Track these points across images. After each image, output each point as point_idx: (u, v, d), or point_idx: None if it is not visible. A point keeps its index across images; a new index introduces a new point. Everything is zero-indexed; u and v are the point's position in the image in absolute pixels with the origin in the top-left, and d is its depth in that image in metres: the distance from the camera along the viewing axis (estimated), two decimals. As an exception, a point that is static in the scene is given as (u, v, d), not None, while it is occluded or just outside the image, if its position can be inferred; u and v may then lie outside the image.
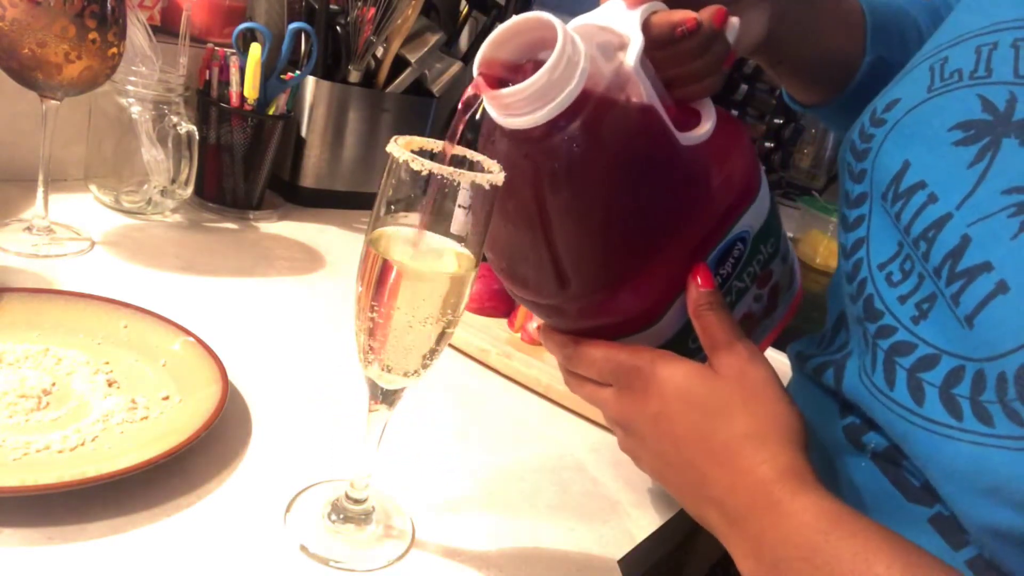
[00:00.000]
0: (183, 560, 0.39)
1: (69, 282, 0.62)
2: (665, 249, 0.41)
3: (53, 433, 0.44)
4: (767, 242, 0.47)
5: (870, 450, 0.43)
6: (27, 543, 0.38)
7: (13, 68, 0.60)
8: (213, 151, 0.85)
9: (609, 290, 0.41)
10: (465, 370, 0.69)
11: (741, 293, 0.48)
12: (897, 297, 0.41)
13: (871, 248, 0.44)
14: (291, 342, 0.64)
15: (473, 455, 0.56)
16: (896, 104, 0.47)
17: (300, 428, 0.53)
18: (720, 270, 0.44)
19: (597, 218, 0.39)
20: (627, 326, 0.43)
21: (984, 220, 0.38)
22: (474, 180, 0.37)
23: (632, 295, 0.42)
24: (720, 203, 0.43)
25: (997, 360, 0.35)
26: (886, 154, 0.45)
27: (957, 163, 0.40)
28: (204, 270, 0.72)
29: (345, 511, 0.45)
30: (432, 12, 1.03)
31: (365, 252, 0.39)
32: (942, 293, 0.39)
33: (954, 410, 0.37)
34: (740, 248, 0.45)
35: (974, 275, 0.37)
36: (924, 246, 0.40)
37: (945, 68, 0.45)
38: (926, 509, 0.40)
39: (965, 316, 0.37)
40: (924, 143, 0.43)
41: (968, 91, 0.42)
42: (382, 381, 0.42)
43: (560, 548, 0.49)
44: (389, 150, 0.37)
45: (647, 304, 0.43)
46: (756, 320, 0.51)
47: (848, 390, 0.44)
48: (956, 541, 0.39)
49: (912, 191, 0.42)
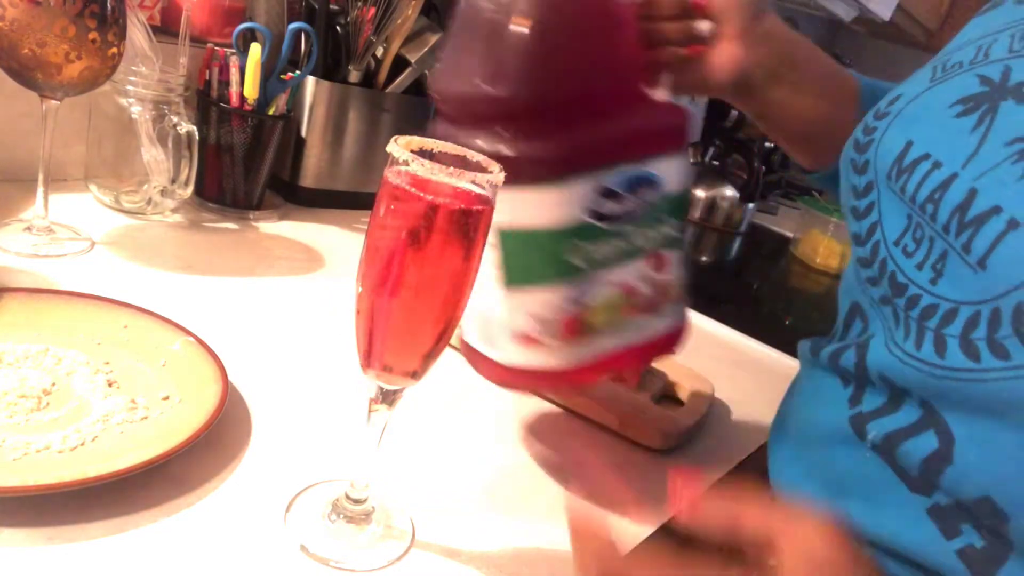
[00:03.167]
0: (183, 560, 0.39)
1: (69, 282, 0.62)
2: (588, 108, 0.47)
3: (53, 433, 0.44)
4: (671, 214, 0.50)
5: (870, 440, 0.43)
6: (27, 543, 0.38)
7: (13, 68, 0.60)
8: (213, 151, 0.85)
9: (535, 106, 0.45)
10: (465, 370, 0.69)
11: (632, 254, 0.49)
12: (915, 265, 0.42)
13: (884, 228, 0.45)
14: (291, 342, 0.64)
15: (473, 455, 0.56)
16: (898, 99, 0.48)
17: (300, 428, 0.53)
18: (622, 200, 0.47)
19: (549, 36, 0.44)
20: (534, 168, 0.45)
21: (989, 172, 0.39)
22: (474, 180, 0.37)
23: (547, 127, 0.45)
24: (646, 119, 0.49)
25: (1012, 293, 0.36)
26: (889, 139, 0.46)
27: (959, 132, 0.41)
28: (204, 270, 0.72)
29: (345, 511, 0.45)
30: (432, 12, 1.03)
31: (365, 249, 0.39)
32: (952, 247, 0.40)
33: (972, 354, 0.38)
34: (646, 190, 0.48)
35: (983, 220, 0.38)
36: (931, 208, 0.41)
37: (947, 64, 0.47)
38: (925, 499, 0.41)
39: (977, 260, 0.38)
40: (927, 122, 0.44)
41: (967, 74, 0.44)
42: (382, 381, 0.42)
43: (560, 548, 0.49)
44: (389, 150, 0.37)
45: (553, 149, 0.46)
46: (636, 307, 0.50)
47: (873, 363, 0.44)
48: (950, 531, 0.40)
49: (916, 163, 0.43)
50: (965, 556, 0.39)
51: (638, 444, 0.64)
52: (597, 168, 0.47)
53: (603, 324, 0.50)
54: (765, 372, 0.91)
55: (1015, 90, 0.40)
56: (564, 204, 0.46)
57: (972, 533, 0.39)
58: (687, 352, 0.88)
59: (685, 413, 0.68)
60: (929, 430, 0.41)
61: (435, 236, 0.37)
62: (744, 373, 0.88)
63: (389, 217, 0.38)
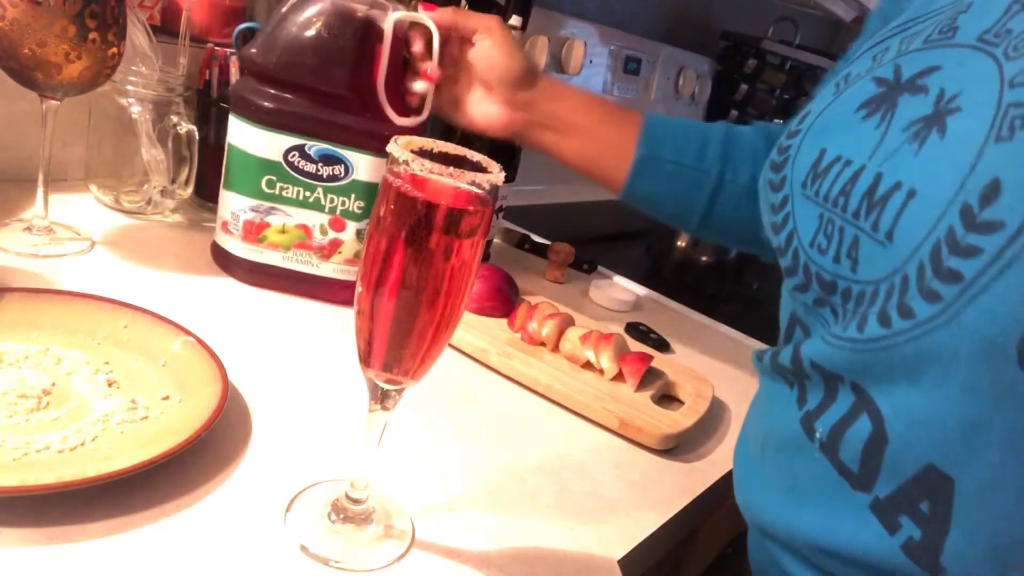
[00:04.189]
0: (183, 560, 0.39)
1: (69, 282, 0.62)
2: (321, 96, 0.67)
3: (53, 433, 0.44)
4: (360, 197, 0.69)
5: (818, 439, 0.45)
6: (27, 543, 0.38)
7: (13, 68, 0.60)
8: (213, 151, 0.85)
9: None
10: (465, 370, 0.69)
11: (314, 206, 0.69)
12: (831, 259, 0.44)
13: (799, 233, 0.48)
14: (291, 342, 0.64)
15: (473, 455, 0.56)
16: (807, 116, 0.52)
17: (300, 428, 0.53)
18: (313, 163, 0.67)
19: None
20: (266, 114, 0.67)
21: (891, 156, 0.42)
22: (473, 180, 0.37)
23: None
24: (365, 123, 0.68)
25: (915, 254, 0.39)
26: (804, 151, 0.49)
27: (865, 131, 0.45)
28: (204, 270, 0.72)
29: (345, 511, 0.45)
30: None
31: (365, 249, 0.39)
32: (862, 230, 0.42)
33: (885, 322, 0.40)
34: (336, 167, 0.68)
35: (887, 197, 0.41)
36: (842, 200, 0.44)
37: (848, 79, 0.50)
38: (866, 495, 0.42)
39: (885, 233, 0.40)
40: (836, 130, 0.48)
41: (864, 80, 0.48)
42: (381, 381, 0.42)
43: (560, 548, 0.49)
44: (389, 150, 0.37)
45: (279, 108, 0.67)
46: (307, 246, 0.70)
47: (806, 353, 0.46)
48: (892, 526, 0.41)
49: (830, 166, 0.46)
50: (908, 550, 0.40)
51: (638, 444, 0.64)
52: (306, 135, 0.67)
53: (277, 241, 0.70)
54: (765, 372, 0.91)
55: (909, 84, 0.44)
56: (271, 146, 0.67)
57: (910, 524, 0.40)
58: (687, 352, 0.88)
59: (685, 413, 0.68)
60: (862, 414, 0.42)
61: (434, 236, 0.37)
62: (744, 373, 0.88)
63: (389, 217, 0.38)
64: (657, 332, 0.89)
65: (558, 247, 0.99)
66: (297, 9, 0.66)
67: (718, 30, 1.91)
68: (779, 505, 0.48)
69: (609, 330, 0.74)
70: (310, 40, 0.65)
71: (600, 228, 1.50)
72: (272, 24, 0.67)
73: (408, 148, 0.38)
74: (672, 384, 0.74)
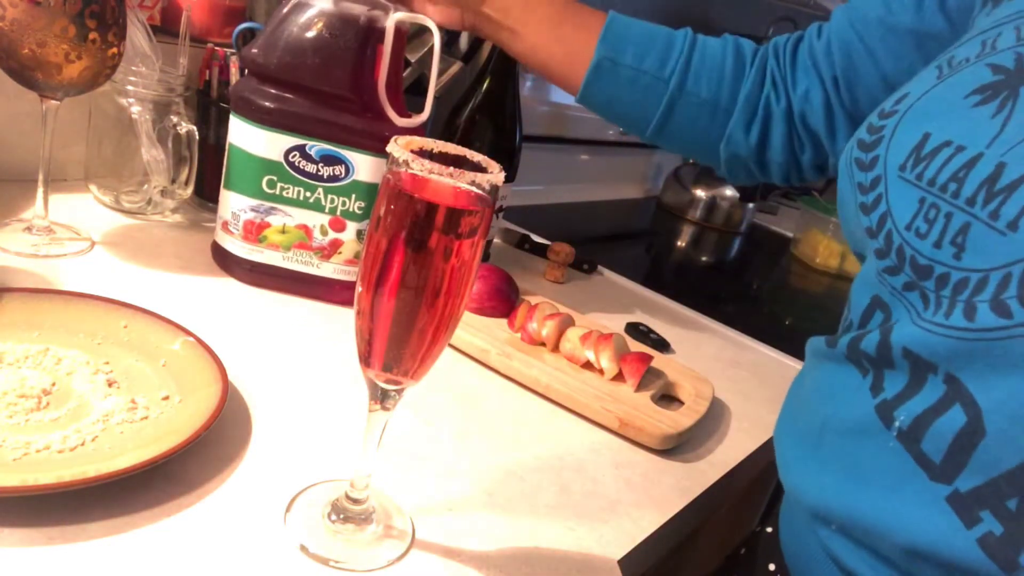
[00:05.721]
0: (183, 560, 0.39)
1: (69, 282, 0.63)
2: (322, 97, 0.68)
3: (53, 433, 0.44)
4: (362, 197, 0.69)
5: (896, 427, 0.44)
6: (27, 543, 0.38)
7: (13, 68, 0.60)
8: (213, 151, 0.85)
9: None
10: (465, 370, 0.69)
11: (315, 207, 0.69)
12: (932, 244, 0.43)
13: (894, 215, 0.46)
14: (291, 342, 0.64)
15: (473, 455, 0.56)
16: (905, 98, 0.49)
17: (300, 428, 0.53)
18: (314, 164, 0.68)
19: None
20: (266, 114, 0.68)
21: (1015, 147, 0.40)
22: (473, 180, 0.37)
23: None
24: (365, 124, 0.68)
25: None
26: (902, 133, 0.47)
27: (980, 119, 0.43)
28: (204, 270, 0.72)
29: (345, 511, 0.45)
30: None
31: (365, 249, 0.39)
32: (977, 217, 0.41)
33: (1003, 312, 0.39)
34: (337, 167, 0.68)
35: (1014, 187, 0.39)
36: (954, 186, 0.42)
37: (952, 62, 0.48)
38: (945, 487, 0.41)
39: (1008, 224, 0.39)
40: (943, 114, 0.45)
41: (977, 65, 0.45)
42: (381, 381, 0.42)
43: (560, 548, 0.49)
44: (389, 150, 0.37)
45: (281, 109, 0.68)
46: (307, 246, 0.70)
47: (898, 340, 0.45)
48: (970, 519, 0.40)
49: (936, 151, 0.44)
50: (985, 544, 0.39)
51: (638, 444, 0.64)
52: (307, 135, 0.67)
53: (277, 242, 0.70)
54: (765, 372, 0.91)
55: None
56: (271, 146, 0.67)
57: (991, 520, 0.39)
58: (687, 352, 0.88)
59: (685, 413, 0.68)
60: (955, 405, 0.41)
61: (434, 236, 0.37)
62: (744, 373, 0.88)
63: (389, 217, 0.38)
64: (657, 332, 0.89)
65: (558, 247, 0.99)
66: (298, 9, 0.67)
67: (718, 30, 1.91)
68: (838, 489, 0.47)
69: (609, 330, 0.74)
70: (311, 40, 0.66)
71: (600, 228, 1.50)
72: (273, 24, 0.67)
73: (408, 148, 0.38)
74: (672, 384, 0.74)
